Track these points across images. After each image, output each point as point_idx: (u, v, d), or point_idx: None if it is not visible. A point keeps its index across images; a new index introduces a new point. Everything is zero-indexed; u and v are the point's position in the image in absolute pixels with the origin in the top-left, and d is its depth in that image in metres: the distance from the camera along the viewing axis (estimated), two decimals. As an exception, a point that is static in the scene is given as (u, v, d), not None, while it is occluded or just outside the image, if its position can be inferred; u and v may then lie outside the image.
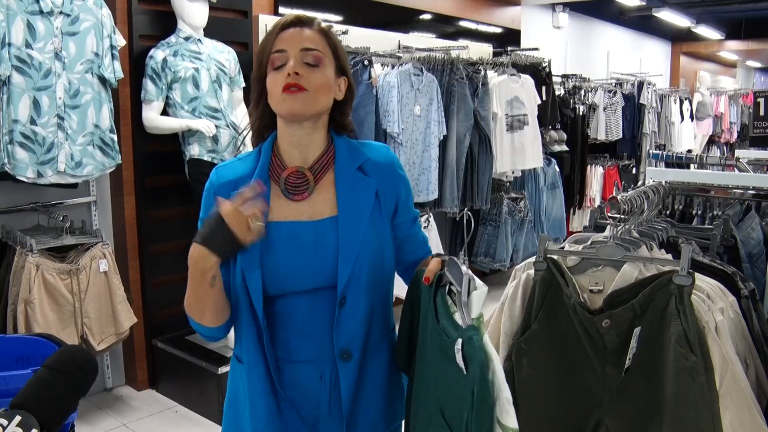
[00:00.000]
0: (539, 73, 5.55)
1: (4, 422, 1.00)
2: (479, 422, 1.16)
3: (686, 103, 8.61)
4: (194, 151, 3.52)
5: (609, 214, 1.86)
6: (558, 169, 5.95)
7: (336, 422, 1.46)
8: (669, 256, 1.76)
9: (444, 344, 1.28)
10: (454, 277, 1.29)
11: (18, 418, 1.02)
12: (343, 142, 1.50)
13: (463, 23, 5.98)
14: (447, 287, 1.33)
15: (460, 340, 1.22)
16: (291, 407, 1.43)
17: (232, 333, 1.51)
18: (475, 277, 1.27)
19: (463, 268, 1.28)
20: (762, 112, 6.40)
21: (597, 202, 6.59)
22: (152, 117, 3.48)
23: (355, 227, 1.42)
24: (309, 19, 1.43)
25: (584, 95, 6.63)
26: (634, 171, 7.38)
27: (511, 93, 5.04)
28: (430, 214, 4.77)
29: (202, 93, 3.50)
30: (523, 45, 6.48)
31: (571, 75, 6.77)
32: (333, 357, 1.43)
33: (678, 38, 11.42)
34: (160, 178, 3.76)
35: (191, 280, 1.32)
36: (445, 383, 1.30)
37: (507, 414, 1.15)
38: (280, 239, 1.40)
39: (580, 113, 6.37)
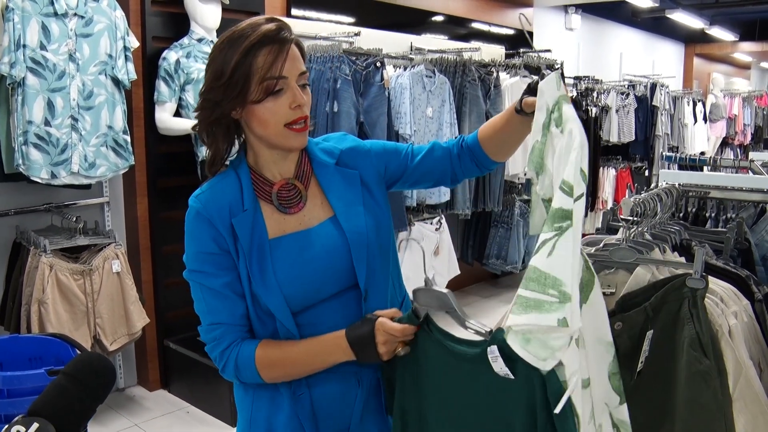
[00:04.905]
0: (551, 75, 5.54)
1: (22, 429, 1.01)
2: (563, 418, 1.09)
3: (699, 105, 8.56)
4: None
5: (622, 217, 1.85)
6: (570, 171, 5.92)
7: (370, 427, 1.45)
8: (682, 259, 1.75)
9: (474, 365, 1.22)
10: (434, 302, 1.28)
11: (36, 425, 1.02)
12: (311, 144, 1.48)
13: (475, 25, 5.98)
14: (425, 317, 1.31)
15: (494, 347, 1.16)
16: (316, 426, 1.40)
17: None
18: None
19: (439, 288, 1.28)
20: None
21: (609, 205, 6.57)
22: (165, 118, 3.50)
23: (355, 221, 1.41)
24: (290, 29, 1.35)
25: (597, 97, 6.60)
26: (646, 173, 7.35)
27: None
28: (442, 215, 4.77)
29: (215, 94, 3.50)
30: (535, 47, 6.47)
31: (584, 77, 6.75)
32: None
33: (691, 40, 11.36)
34: (172, 179, 3.78)
35: (315, 359, 1.35)
36: (478, 407, 1.24)
37: (572, 166, 1.09)
38: (289, 253, 1.37)
39: (593, 115, 6.34)
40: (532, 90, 1.32)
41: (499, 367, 1.15)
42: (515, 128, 1.43)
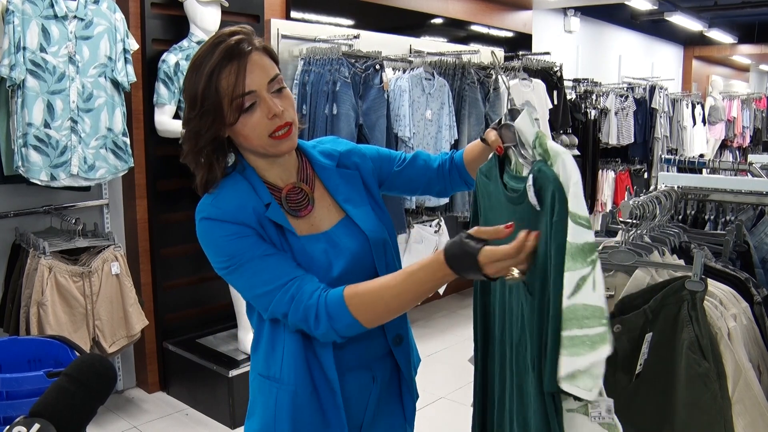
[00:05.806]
0: (550, 78, 5.54)
1: (23, 430, 1.01)
2: (559, 231, 1.05)
3: (698, 108, 8.56)
4: (206, 154, 3.53)
5: (621, 219, 1.85)
6: (569, 174, 5.92)
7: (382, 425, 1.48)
8: (681, 262, 1.75)
9: (521, 200, 1.18)
10: (510, 139, 1.24)
11: (37, 426, 1.02)
12: (309, 148, 1.49)
13: (474, 27, 5.98)
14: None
15: (531, 177, 1.12)
16: (339, 420, 1.38)
17: (246, 342, 1.48)
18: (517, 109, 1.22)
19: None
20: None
21: (608, 207, 6.57)
22: (164, 120, 3.50)
23: (369, 221, 1.44)
24: (252, 37, 1.33)
25: (596, 99, 6.60)
26: (645, 176, 7.35)
27: (522, 97, 5.03)
28: (441, 218, 4.77)
29: (214, 97, 3.50)
30: (534, 49, 6.47)
31: (583, 79, 6.75)
32: (383, 351, 1.45)
33: (690, 42, 11.38)
34: (171, 181, 3.78)
35: (423, 286, 1.25)
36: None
37: (576, 199, 1.04)
38: (315, 252, 1.37)
39: (592, 117, 6.35)
40: (501, 123, 1.32)
41: (532, 195, 1.12)
42: (488, 156, 1.47)
